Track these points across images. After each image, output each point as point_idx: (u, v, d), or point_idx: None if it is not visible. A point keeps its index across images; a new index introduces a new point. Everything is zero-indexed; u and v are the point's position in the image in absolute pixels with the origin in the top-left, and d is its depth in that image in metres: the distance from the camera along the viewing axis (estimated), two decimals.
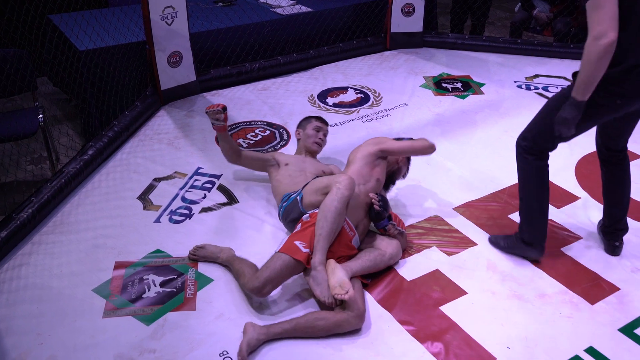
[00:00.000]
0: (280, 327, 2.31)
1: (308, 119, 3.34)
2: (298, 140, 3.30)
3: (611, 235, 2.83)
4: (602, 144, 2.68)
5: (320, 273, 2.39)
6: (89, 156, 3.38)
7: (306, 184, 2.81)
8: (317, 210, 2.59)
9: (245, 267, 2.52)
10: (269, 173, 3.15)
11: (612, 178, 2.73)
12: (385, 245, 2.67)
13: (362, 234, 2.71)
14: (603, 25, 2.09)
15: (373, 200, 2.67)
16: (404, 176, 3.07)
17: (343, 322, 2.32)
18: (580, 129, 2.40)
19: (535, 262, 2.75)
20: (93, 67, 3.95)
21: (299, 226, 2.62)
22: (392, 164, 3.00)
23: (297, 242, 2.47)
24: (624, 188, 2.72)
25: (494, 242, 2.88)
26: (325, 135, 3.27)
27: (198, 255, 2.71)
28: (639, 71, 2.25)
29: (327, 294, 2.34)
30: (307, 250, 2.45)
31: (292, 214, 2.76)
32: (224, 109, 2.94)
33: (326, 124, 3.32)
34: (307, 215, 2.64)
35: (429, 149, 2.92)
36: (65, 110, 4.64)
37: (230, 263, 2.64)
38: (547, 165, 2.56)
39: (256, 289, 2.39)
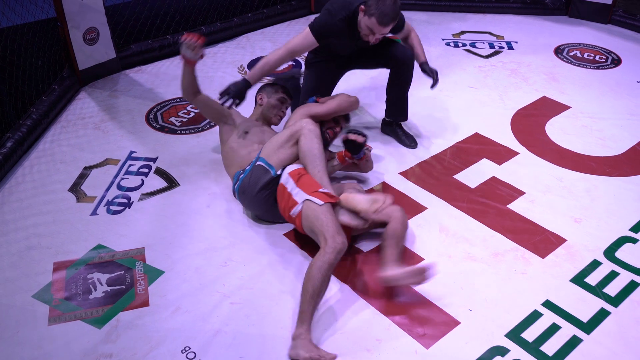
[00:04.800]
0: (306, 309, 2.18)
1: (274, 86, 3.13)
2: (259, 105, 3.07)
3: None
4: None
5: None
6: (7, 149, 3.11)
7: (260, 151, 2.72)
8: (297, 167, 2.60)
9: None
10: (221, 130, 2.97)
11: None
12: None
13: None
14: None
15: (352, 137, 2.76)
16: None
17: (332, 260, 2.25)
18: None
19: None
20: (0, 49, 3.61)
21: (290, 183, 2.52)
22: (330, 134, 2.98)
23: (321, 190, 2.47)
24: None
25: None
26: (287, 108, 3.13)
27: None
28: None
29: (354, 219, 2.45)
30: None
31: (261, 180, 2.62)
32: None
33: (291, 97, 3.15)
34: (287, 176, 2.56)
35: (355, 104, 2.99)
36: None
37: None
38: None
39: (343, 243, 2.30)
